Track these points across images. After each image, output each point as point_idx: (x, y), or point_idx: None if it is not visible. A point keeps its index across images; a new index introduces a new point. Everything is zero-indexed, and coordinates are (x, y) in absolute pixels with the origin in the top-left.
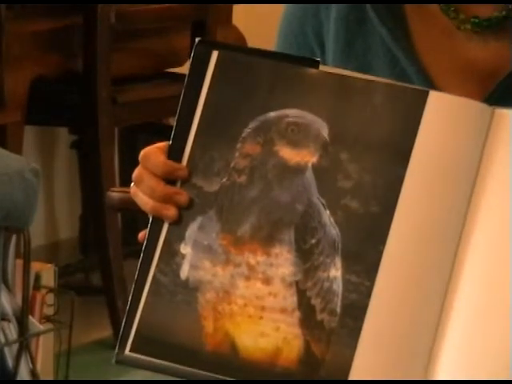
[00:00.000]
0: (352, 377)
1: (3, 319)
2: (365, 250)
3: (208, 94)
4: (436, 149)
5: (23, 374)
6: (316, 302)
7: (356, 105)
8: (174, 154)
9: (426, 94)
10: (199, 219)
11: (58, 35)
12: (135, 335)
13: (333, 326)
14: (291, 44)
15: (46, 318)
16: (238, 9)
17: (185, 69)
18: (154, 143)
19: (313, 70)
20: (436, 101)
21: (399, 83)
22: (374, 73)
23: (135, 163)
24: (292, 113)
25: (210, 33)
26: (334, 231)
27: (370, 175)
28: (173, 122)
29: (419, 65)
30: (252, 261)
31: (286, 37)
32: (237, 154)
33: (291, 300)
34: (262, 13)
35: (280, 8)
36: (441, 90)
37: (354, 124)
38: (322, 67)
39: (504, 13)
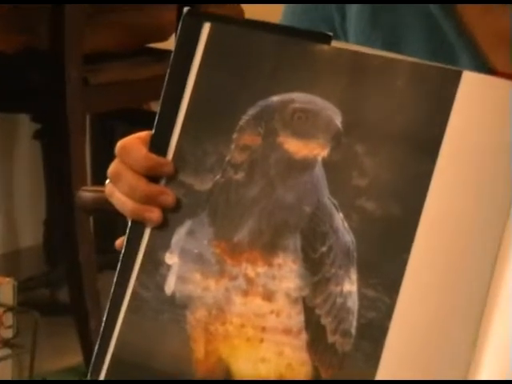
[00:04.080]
0: None
1: None
2: (385, 259)
3: (199, 74)
4: (470, 139)
5: None
6: (327, 322)
7: (375, 88)
8: (158, 145)
9: (459, 74)
10: (188, 223)
11: (19, 11)
12: (111, 360)
13: (347, 350)
14: (304, 12)
15: (4, 342)
16: None
17: (170, 44)
18: (134, 133)
19: (324, 47)
20: (471, 83)
21: (426, 62)
22: (405, 48)
23: (111, 157)
24: (299, 97)
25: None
26: (348, 237)
27: (391, 171)
28: (156, 107)
29: (469, 38)
30: (251, 272)
31: (295, 7)
32: (233, 147)
33: (297, 319)
34: None
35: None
36: (495, 71)
37: (373, 110)
38: (335, 43)
39: None
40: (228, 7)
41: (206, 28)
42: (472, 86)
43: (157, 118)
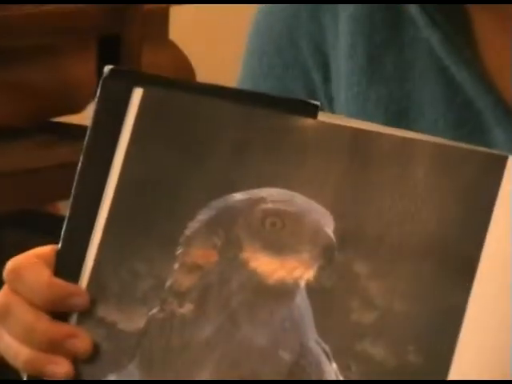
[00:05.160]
0: None
1: None
2: None
3: (127, 160)
4: None
5: None
6: None
7: (382, 181)
8: (67, 266)
9: (504, 160)
10: (110, 377)
11: None
12: None
13: None
14: (270, 69)
15: None
16: (178, 14)
17: (86, 117)
18: (31, 247)
19: (308, 121)
20: None
21: (456, 143)
22: (416, 106)
23: None
24: (272, 195)
25: (129, 55)
26: None
27: (407, 302)
28: (64, 209)
29: (495, 93)
30: None
31: (260, 58)
32: (176, 266)
33: None
34: (216, 20)
35: (247, 9)
36: None
37: (380, 214)
38: (322, 115)
39: None
40: (163, 50)
41: (138, 95)
42: None
43: (65, 224)
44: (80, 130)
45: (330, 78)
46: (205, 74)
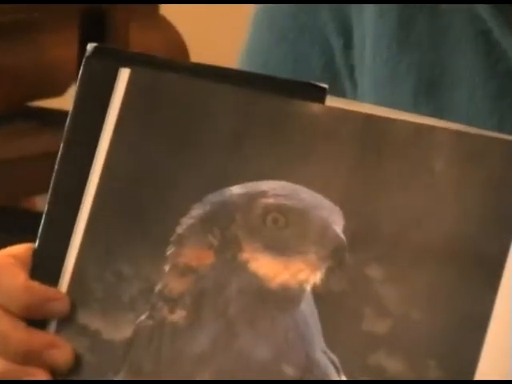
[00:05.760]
0: None
1: None
2: None
3: (112, 148)
4: None
5: None
6: None
7: (398, 173)
8: (45, 267)
9: None
10: None
11: None
12: None
13: None
14: (283, 34)
15: None
16: None
17: (68, 101)
18: (7, 245)
19: (314, 106)
20: None
21: (479, 130)
22: (450, 74)
23: None
24: (274, 188)
25: (115, 33)
26: None
27: (426, 310)
28: (41, 205)
29: None
30: None
31: (270, 27)
32: (167, 268)
33: None
34: None
35: None
36: None
37: (396, 211)
38: (331, 100)
39: None
40: (153, 26)
41: (124, 75)
42: None
43: (43, 220)
44: (62, 115)
45: (353, 45)
46: (200, 53)
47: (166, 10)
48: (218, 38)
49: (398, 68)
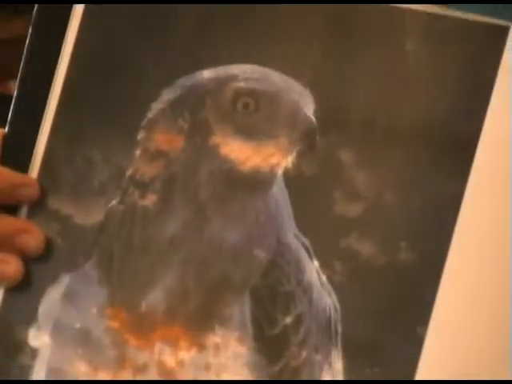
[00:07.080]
0: None
1: None
2: (390, 336)
3: (81, 34)
4: None
5: None
6: None
7: (368, 54)
8: (15, 153)
9: (505, 31)
10: (65, 280)
11: None
12: None
13: None
14: None
15: None
16: None
17: None
18: None
19: None
20: None
21: (452, 12)
22: None
23: None
24: (244, 72)
25: None
26: (327, 300)
27: (397, 193)
28: (11, 88)
29: None
30: (169, 360)
31: None
32: (138, 153)
33: None
34: None
35: None
36: None
37: (367, 93)
38: None
39: None
40: None
41: None
42: None
43: (13, 105)
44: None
45: None
46: None
47: None
48: None
49: None
